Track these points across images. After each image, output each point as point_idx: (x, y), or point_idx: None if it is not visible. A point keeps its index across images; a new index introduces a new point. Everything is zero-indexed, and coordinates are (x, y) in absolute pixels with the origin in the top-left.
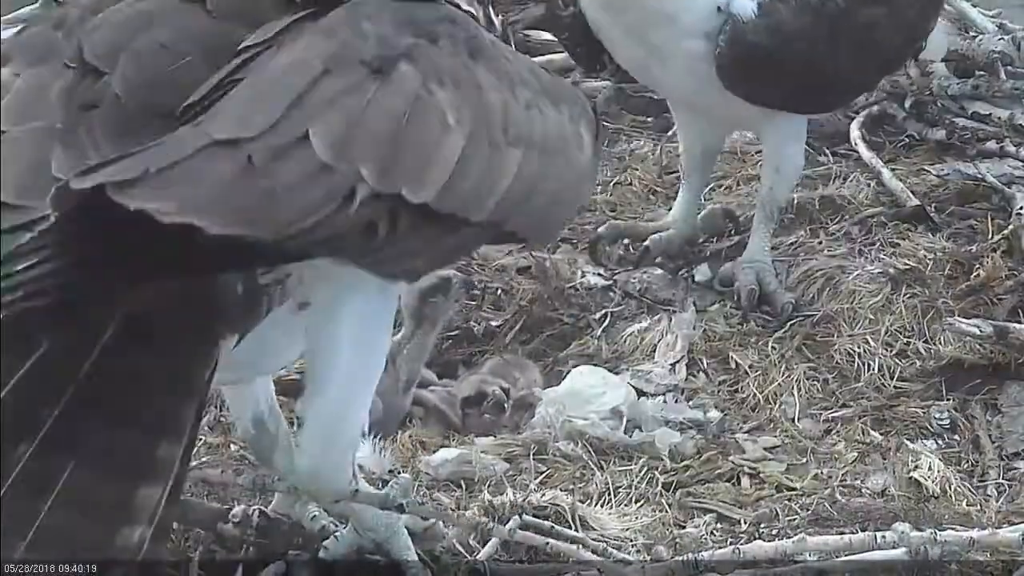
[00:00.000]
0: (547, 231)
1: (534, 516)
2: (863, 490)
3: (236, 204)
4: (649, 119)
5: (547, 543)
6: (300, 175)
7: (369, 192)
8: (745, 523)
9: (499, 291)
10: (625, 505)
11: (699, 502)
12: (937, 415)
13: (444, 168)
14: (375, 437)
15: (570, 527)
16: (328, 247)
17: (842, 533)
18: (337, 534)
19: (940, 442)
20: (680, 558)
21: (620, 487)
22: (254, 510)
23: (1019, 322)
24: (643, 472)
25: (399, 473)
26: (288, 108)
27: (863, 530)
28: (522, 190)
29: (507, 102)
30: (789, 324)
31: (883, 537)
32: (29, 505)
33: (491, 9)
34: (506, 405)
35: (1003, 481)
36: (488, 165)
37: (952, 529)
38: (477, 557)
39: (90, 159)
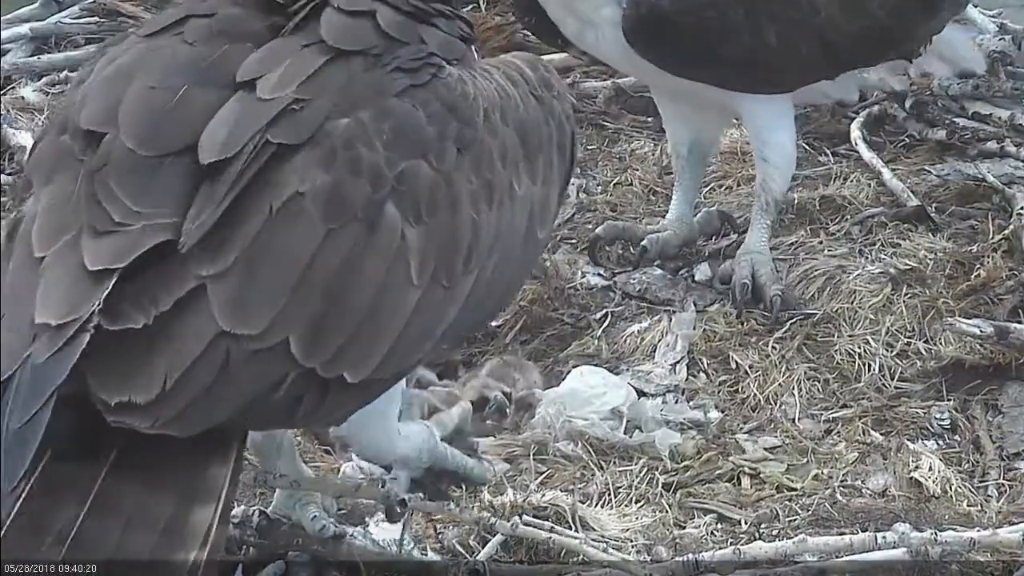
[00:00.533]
0: (488, 322)
1: (534, 516)
2: (863, 490)
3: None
4: (649, 119)
5: (550, 538)
6: (268, 379)
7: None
8: (745, 523)
9: None
10: (625, 505)
11: (699, 502)
12: (937, 415)
13: (387, 342)
14: None
15: (570, 527)
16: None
17: (842, 533)
18: (392, 476)
19: (940, 442)
20: (680, 558)
21: (620, 487)
22: (254, 510)
23: (1019, 322)
24: (643, 472)
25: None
26: (285, 302)
27: (863, 530)
28: (468, 310)
29: (478, 217)
30: (789, 324)
31: (883, 538)
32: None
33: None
34: (508, 410)
35: (1004, 481)
36: (436, 311)
37: (952, 529)
38: (477, 557)
39: (113, 216)
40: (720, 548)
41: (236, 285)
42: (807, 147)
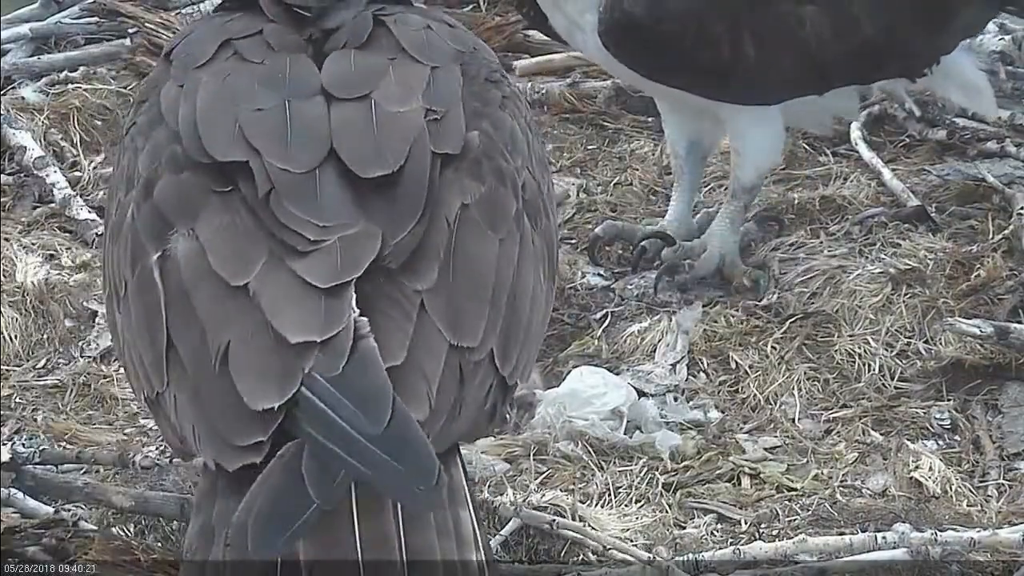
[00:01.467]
0: None
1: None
2: (863, 490)
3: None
4: (649, 119)
5: (553, 521)
6: (484, 389)
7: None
8: (745, 523)
9: None
10: (625, 505)
11: (699, 502)
12: (937, 415)
13: (537, 345)
14: None
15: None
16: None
17: (842, 533)
18: None
19: (940, 442)
20: (680, 558)
21: (620, 487)
22: None
23: (1019, 322)
24: (643, 472)
25: None
26: (487, 313)
27: (863, 531)
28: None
29: (551, 220)
30: (789, 324)
31: (883, 538)
32: None
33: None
34: (508, 415)
35: (1004, 481)
36: (549, 314)
37: (953, 530)
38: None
39: (308, 236)
40: (720, 548)
41: (448, 299)
42: (807, 147)
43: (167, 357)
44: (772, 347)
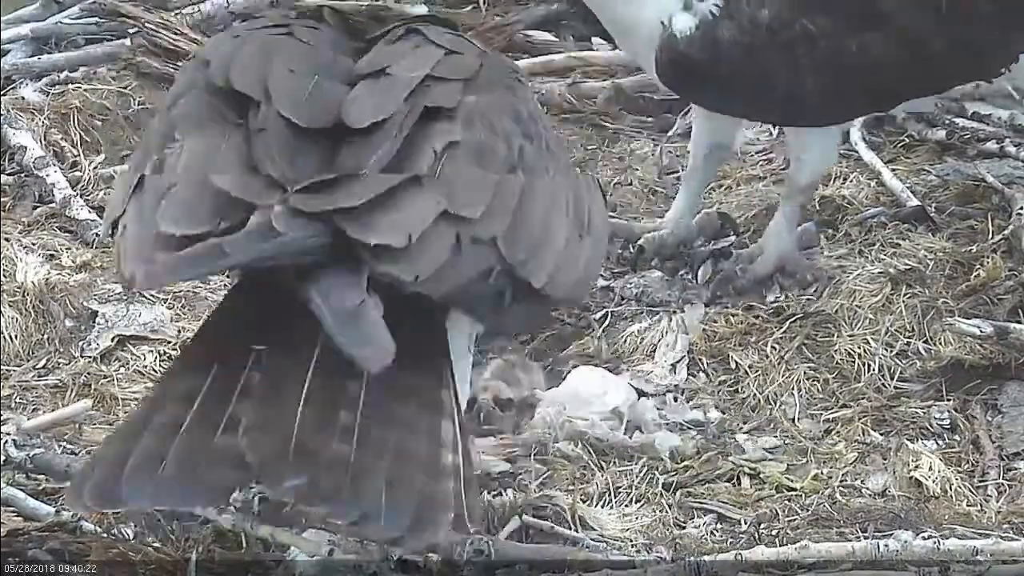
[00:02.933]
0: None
1: (534, 516)
2: (863, 490)
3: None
4: (649, 119)
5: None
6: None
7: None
8: (745, 523)
9: None
10: (625, 505)
11: (699, 502)
12: (937, 415)
13: (555, 255)
14: None
15: (570, 527)
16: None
17: (842, 533)
18: None
19: (940, 442)
20: (681, 559)
21: (620, 487)
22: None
23: (1019, 322)
24: (643, 472)
25: None
26: (490, 201)
27: (863, 531)
28: (589, 269)
29: (580, 197)
30: (789, 324)
31: (886, 545)
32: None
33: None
34: (496, 414)
35: (1003, 481)
36: (578, 251)
37: (954, 535)
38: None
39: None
40: (720, 548)
41: (446, 183)
42: None
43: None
44: (772, 347)
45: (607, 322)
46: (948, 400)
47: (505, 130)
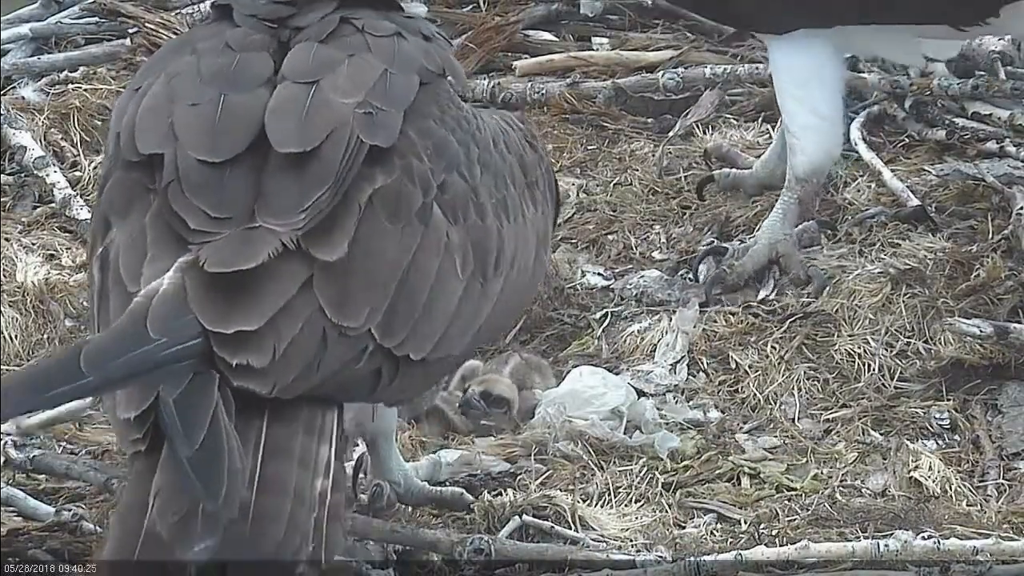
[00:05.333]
0: (504, 334)
1: (534, 516)
2: (863, 490)
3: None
4: (649, 119)
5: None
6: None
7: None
8: (745, 523)
9: None
10: (625, 505)
11: (699, 502)
12: (937, 415)
13: (441, 326)
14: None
15: (570, 527)
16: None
17: (842, 533)
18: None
19: (940, 442)
20: (681, 559)
21: (620, 487)
22: None
23: (1019, 322)
24: (643, 472)
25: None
26: (375, 296)
27: (863, 531)
28: (498, 311)
29: (501, 227)
30: (789, 324)
31: (886, 546)
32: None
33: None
34: (480, 406)
35: (1003, 481)
36: (476, 305)
37: (954, 535)
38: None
39: (191, 224)
40: (720, 548)
41: (340, 281)
42: None
43: None
44: (772, 347)
45: (607, 322)
46: (948, 400)
47: (425, 172)
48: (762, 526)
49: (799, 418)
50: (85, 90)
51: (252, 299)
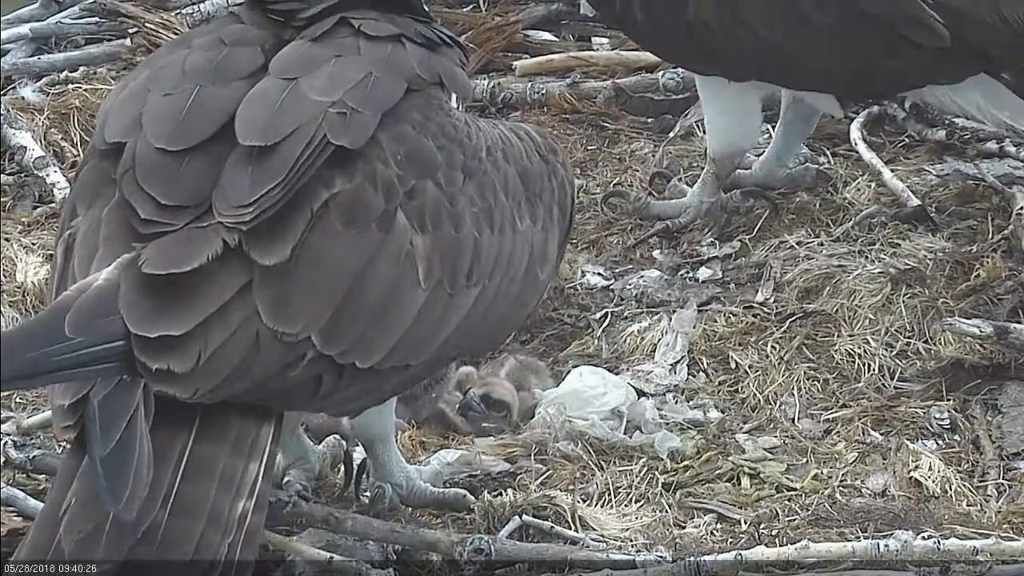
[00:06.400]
0: (490, 348)
1: (534, 516)
2: (863, 490)
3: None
4: (649, 119)
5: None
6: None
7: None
8: (745, 523)
9: None
10: (625, 505)
11: (699, 502)
12: (937, 415)
13: (394, 336)
14: None
15: (570, 527)
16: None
17: (842, 533)
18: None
19: (940, 442)
20: (681, 559)
21: (620, 487)
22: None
23: (1019, 322)
24: (643, 472)
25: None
26: (317, 304)
27: (863, 531)
28: (470, 323)
29: (480, 236)
30: (789, 324)
31: (886, 546)
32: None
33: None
34: (480, 409)
35: (1003, 481)
36: (440, 315)
37: (954, 535)
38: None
39: (141, 214)
40: (720, 548)
41: (280, 286)
42: (807, 147)
43: None
44: (772, 347)
45: (607, 322)
46: (948, 400)
47: (391, 178)
48: (762, 526)
49: (799, 418)
50: (85, 90)
51: (184, 302)
